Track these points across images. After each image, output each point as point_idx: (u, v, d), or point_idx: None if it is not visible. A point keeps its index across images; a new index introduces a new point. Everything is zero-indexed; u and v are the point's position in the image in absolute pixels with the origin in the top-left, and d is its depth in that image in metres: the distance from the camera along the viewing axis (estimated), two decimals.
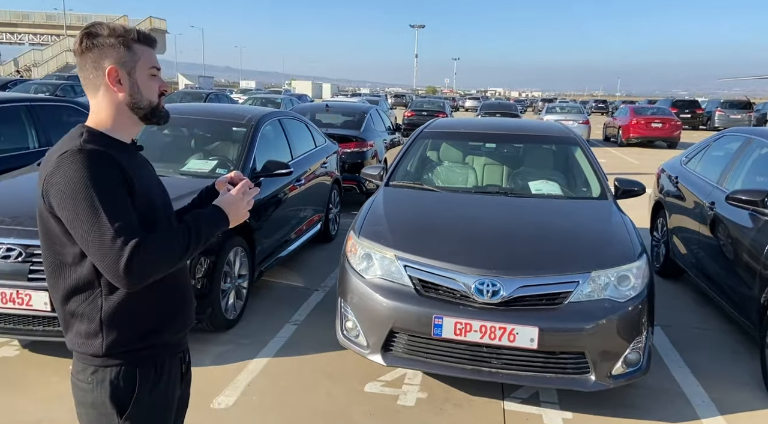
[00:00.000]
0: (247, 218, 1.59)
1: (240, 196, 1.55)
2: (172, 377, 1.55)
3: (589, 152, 4.56)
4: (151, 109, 1.50)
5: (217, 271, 3.80)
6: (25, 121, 5.48)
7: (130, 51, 1.46)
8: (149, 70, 1.49)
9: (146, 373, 1.47)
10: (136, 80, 1.46)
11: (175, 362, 1.58)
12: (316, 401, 3.26)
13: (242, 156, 4.54)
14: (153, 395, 1.48)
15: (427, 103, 23.88)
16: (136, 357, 1.46)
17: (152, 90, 1.50)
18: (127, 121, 1.49)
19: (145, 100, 1.48)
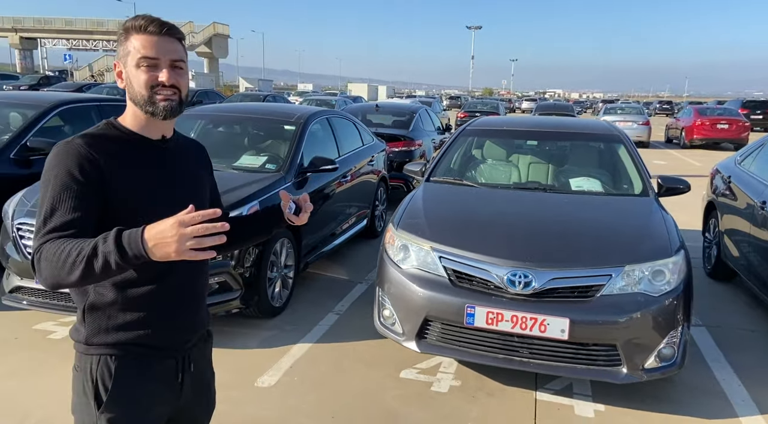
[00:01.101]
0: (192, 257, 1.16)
1: (173, 223, 1.14)
2: (159, 381, 1.46)
3: (632, 149, 4.53)
4: (143, 103, 1.40)
5: (264, 260, 4.01)
6: (95, 120, 5.92)
7: (126, 42, 1.40)
8: (138, 60, 1.38)
9: (126, 369, 1.41)
10: (128, 73, 1.41)
11: (166, 366, 1.48)
12: (352, 384, 3.41)
13: (290, 152, 4.77)
14: (131, 393, 1.41)
15: (480, 104, 23.77)
16: (117, 352, 1.40)
17: (140, 81, 1.38)
18: (142, 116, 1.43)
19: (137, 93, 1.40)
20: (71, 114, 5.88)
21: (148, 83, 1.39)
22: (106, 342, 1.40)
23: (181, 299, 1.50)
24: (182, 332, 1.51)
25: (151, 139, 1.46)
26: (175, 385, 1.50)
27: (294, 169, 4.64)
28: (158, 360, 1.46)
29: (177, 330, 1.50)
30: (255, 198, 4.04)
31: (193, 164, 1.58)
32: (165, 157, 1.48)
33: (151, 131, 1.46)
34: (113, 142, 1.40)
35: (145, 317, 1.43)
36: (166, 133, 1.49)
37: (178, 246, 1.13)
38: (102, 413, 1.39)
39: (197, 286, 1.57)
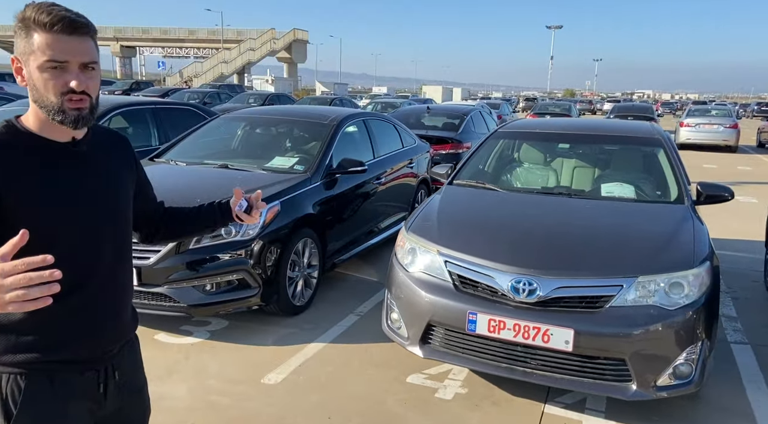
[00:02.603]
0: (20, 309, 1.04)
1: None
2: (75, 395, 1.39)
3: (673, 154, 4.25)
4: (52, 110, 1.28)
5: (283, 259, 4.10)
6: (150, 122, 6.28)
7: (27, 38, 1.25)
8: (44, 62, 1.24)
9: (35, 385, 1.33)
10: (29, 74, 1.27)
11: (84, 380, 1.41)
12: (356, 386, 3.42)
13: (319, 154, 4.83)
14: (41, 409, 1.34)
15: (552, 105, 23.05)
16: (26, 369, 1.33)
17: (48, 87, 1.26)
18: (46, 120, 1.31)
19: (44, 97, 1.27)
20: (129, 116, 6.27)
21: (57, 90, 1.26)
22: (14, 362, 1.31)
23: (98, 311, 1.40)
24: (102, 344, 1.43)
25: (59, 142, 1.34)
26: (97, 396, 1.44)
27: (322, 171, 4.70)
28: (77, 374, 1.39)
29: (95, 343, 1.41)
30: (276, 199, 4.13)
31: (112, 163, 1.47)
32: (76, 161, 1.36)
33: (58, 134, 1.33)
34: (12, 149, 1.28)
35: (57, 335, 1.34)
36: (76, 135, 1.36)
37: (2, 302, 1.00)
38: None
39: (119, 290, 1.47)
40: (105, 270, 1.40)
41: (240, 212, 1.69)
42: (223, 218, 1.73)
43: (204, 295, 3.81)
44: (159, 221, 1.73)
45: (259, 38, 60.21)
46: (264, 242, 3.95)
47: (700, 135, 18.77)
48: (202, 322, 4.20)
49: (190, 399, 3.20)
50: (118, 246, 1.46)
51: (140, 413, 1.62)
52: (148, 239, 1.75)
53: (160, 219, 1.74)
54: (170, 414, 3.04)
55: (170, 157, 5.10)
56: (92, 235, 1.38)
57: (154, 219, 1.72)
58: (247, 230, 3.91)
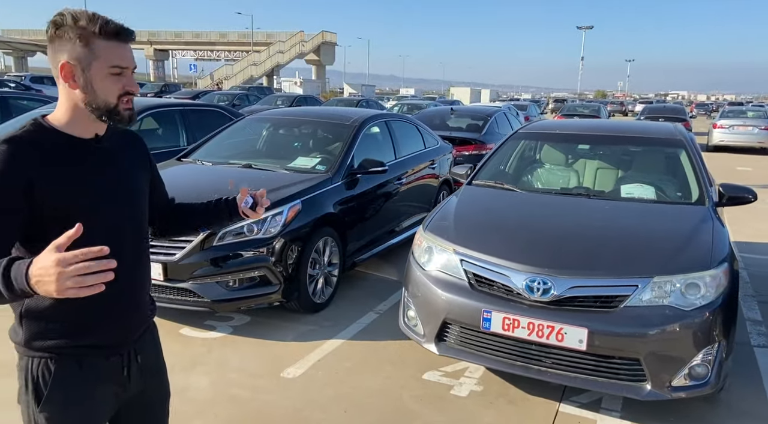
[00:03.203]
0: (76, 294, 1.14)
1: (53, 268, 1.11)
2: (101, 378, 1.48)
3: (695, 155, 4.21)
4: (107, 111, 1.40)
5: (304, 257, 4.19)
6: (178, 123, 6.46)
7: (88, 47, 1.35)
8: (109, 69, 1.38)
9: (65, 373, 1.43)
10: (90, 79, 1.37)
11: (111, 363, 1.51)
12: (373, 382, 3.48)
13: (340, 154, 4.92)
14: (69, 393, 1.43)
15: (580, 107, 22.79)
16: (56, 355, 1.42)
17: (109, 91, 1.39)
18: (85, 118, 1.42)
19: (100, 100, 1.39)
20: (159, 117, 6.46)
21: (116, 93, 1.40)
22: (44, 347, 1.41)
23: (123, 298, 1.50)
24: (126, 329, 1.53)
25: (84, 139, 1.43)
26: (121, 379, 1.53)
27: (343, 171, 4.79)
28: (102, 359, 1.48)
29: (120, 328, 1.51)
30: (297, 198, 4.23)
31: (129, 161, 1.56)
32: (99, 156, 1.46)
33: (84, 131, 1.43)
34: (41, 146, 1.36)
35: (84, 320, 1.43)
36: (99, 131, 1.46)
37: (58, 285, 1.10)
38: (41, 412, 1.41)
39: (138, 282, 1.56)
40: (128, 260, 1.49)
41: (245, 208, 1.78)
42: (230, 214, 1.81)
43: (227, 291, 3.92)
44: (170, 216, 1.83)
45: (288, 41, 60.84)
46: (285, 240, 4.04)
47: (734, 137, 18.33)
48: (225, 317, 4.32)
49: (212, 391, 3.31)
50: (138, 238, 1.56)
51: (161, 394, 1.72)
52: (161, 233, 1.84)
53: (171, 213, 1.83)
54: (193, 405, 3.15)
55: (197, 157, 5.25)
56: (116, 227, 1.47)
57: (166, 214, 1.82)
58: (268, 228, 4.01)
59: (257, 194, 1.79)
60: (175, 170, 4.91)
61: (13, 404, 1.50)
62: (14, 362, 1.48)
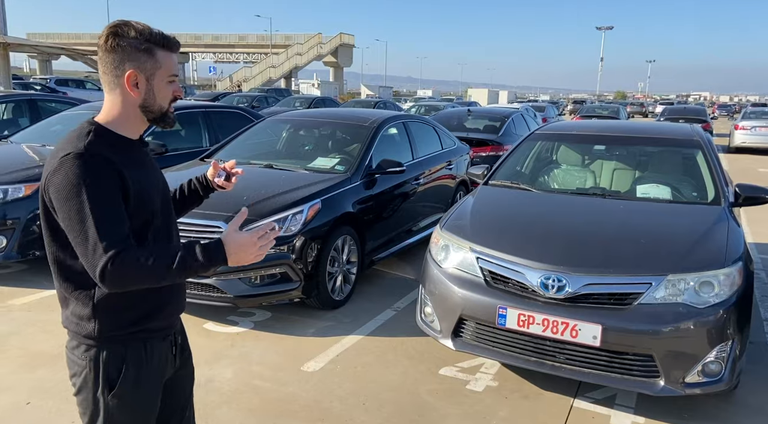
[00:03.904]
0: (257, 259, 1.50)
1: (254, 240, 1.46)
2: (161, 358, 1.63)
3: (711, 156, 4.24)
4: (160, 114, 1.56)
5: (323, 255, 4.29)
6: (201, 124, 6.62)
7: (153, 57, 1.50)
8: (168, 77, 1.53)
9: (135, 354, 1.55)
10: (152, 86, 1.51)
11: (165, 344, 1.66)
12: (391, 376, 3.57)
13: (359, 155, 5.02)
14: (140, 375, 1.56)
15: (599, 108, 22.65)
16: (126, 340, 1.54)
17: (166, 96, 1.55)
18: (136, 121, 1.55)
19: (157, 105, 1.54)
20: (182, 118, 6.63)
21: (169, 98, 1.56)
22: (117, 336, 1.53)
23: (178, 287, 1.67)
24: (177, 313, 1.70)
25: (134, 139, 1.58)
26: (170, 357, 1.69)
27: (361, 171, 4.89)
28: (160, 341, 1.63)
29: (174, 311, 1.67)
30: (317, 197, 4.34)
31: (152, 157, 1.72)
32: (147, 156, 1.63)
33: (136, 133, 1.58)
34: (116, 147, 1.49)
35: (149, 306, 1.57)
36: (141, 133, 1.62)
37: (255, 257, 1.48)
38: (113, 397, 1.53)
39: None
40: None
41: (220, 180, 1.93)
42: (204, 190, 1.95)
43: (249, 287, 4.04)
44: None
45: (306, 43, 61.24)
46: (305, 238, 4.15)
47: (756, 138, 18.09)
48: (247, 313, 4.44)
49: (236, 382, 3.42)
50: (175, 226, 1.72)
51: (190, 373, 1.85)
52: None
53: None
54: (218, 395, 3.27)
55: (219, 158, 5.39)
56: (167, 217, 1.64)
57: None
58: (289, 226, 4.12)
59: (227, 166, 1.93)
60: (198, 170, 5.05)
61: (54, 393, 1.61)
62: (55, 353, 1.59)
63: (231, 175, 1.93)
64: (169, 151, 5.92)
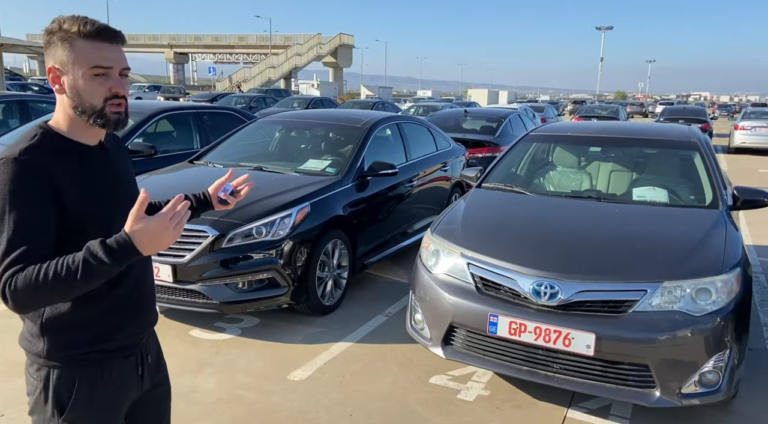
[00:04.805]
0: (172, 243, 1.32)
1: (165, 223, 1.28)
2: (122, 380, 1.51)
3: (709, 158, 4.14)
4: (94, 114, 1.37)
5: (313, 259, 4.19)
6: (192, 126, 6.52)
7: (71, 48, 1.33)
8: (90, 70, 1.34)
9: (89, 376, 1.44)
10: (74, 81, 1.35)
11: (128, 364, 1.53)
12: (379, 385, 3.47)
13: (351, 157, 4.92)
14: (94, 398, 1.45)
15: (598, 108, 22.54)
16: (79, 360, 1.43)
17: (94, 93, 1.36)
18: (81, 123, 1.40)
19: (87, 103, 1.36)
20: (173, 119, 6.53)
21: (102, 95, 1.36)
22: (69, 355, 1.42)
23: (136, 299, 1.54)
24: (140, 330, 1.57)
25: (90, 145, 1.44)
26: (136, 378, 1.57)
27: (353, 173, 4.79)
28: (120, 361, 1.50)
29: (136, 329, 1.55)
30: (306, 200, 4.24)
31: (124, 164, 1.59)
32: (104, 162, 1.47)
33: (89, 138, 1.44)
34: (56, 153, 1.36)
35: (104, 325, 1.45)
36: (101, 137, 1.48)
37: (173, 239, 1.29)
38: (63, 421, 1.42)
39: (148, 282, 1.60)
40: (139, 262, 1.48)
41: (226, 194, 1.79)
42: (204, 208, 1.82)
43: (236, 292, 3.94)
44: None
45: (305, 43, 61.18)
46: (294, 242, 4.05)
47: (756, 138, 17.98)
48: (234, 319, 4.34)
49: (218, 393, 3.32)
50: None
51: (165, 391, 1.73)
52: None
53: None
54: (198, 406, 3.17)
55: (208, 160, 5.29)
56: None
57: None
58: (277, 230, 4.03)
59: (234, 183, 1.80)
60: (186, 173, 4.95)
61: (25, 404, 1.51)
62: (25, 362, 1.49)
63: (235, 191, 1.79)
64: (158, 153, 5.83)
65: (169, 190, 4.32)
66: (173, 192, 4.72)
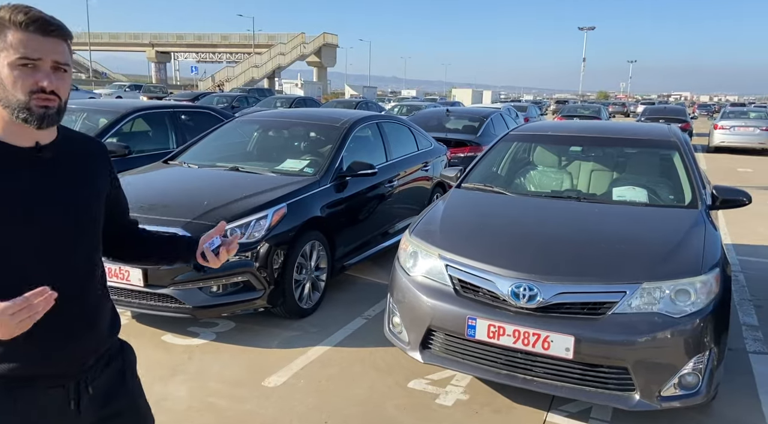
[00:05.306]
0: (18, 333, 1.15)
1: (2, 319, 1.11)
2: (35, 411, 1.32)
3: (688, 157, 4.12)
4: (18, 109, 1.24)
5: (290, 262, 4.10)
6: (168, 125, 6.39)
7: (2, 37, 1.24)
8: (17, 59, 1.23)
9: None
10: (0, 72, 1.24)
11: (51, 396, 1.34)
12: (356, 390, 3.39)
13: (329, 157, 4.84)
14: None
15: (580, 108, 22.68)
16: None
17: (19, 85, 1.23)
18: (10, 121, 1.27)
19: (11, 96, 1.24)
20: (148, 119, 6.39)
21: (27, 88, 1.24)
22: None
23: (61, 326, 1.32)
24: (69, 358, 1.35)
25: (20, 147, 1.28)
26: (68, 412, 1.37)
27: (331, 174, 4.70)
28: (39, 391, 1.32)
29: (60, 357, 1.33)
30: (282, 201, 4.14)
31: (82, 173, 1.40)
32: (38, 168, 1.30)
33: (20, 138, 1.28)
34: None
35: (15, 352, 1.27)
36: (41, 139, 1.31)
37: (7, 333, 1.12)
38: None
39: (86, 308, 1.40)
40: (68, 285, 1.32)
41: (207, 249, 1.58)
42: (187, 253, 1.64)
43: (209, 296, 3.84)
44: (126, 240, 1.64)
45: (289, 43, 60.91)
46: (270, 244, 3.96)
47: (735, 138, 18.20)
48: (209, 323, 4.23)
49: (190, 400, 3.22)
50: (84, 259, 1.40)
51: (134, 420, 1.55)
52: (112, 256, 1.64)
53: (128, 238, 1.65)
54: (169, 415, 3.07)
55: (183, 160, 5.17)
56: (52, 248, 1.32)
57: (120, 237, 1.62)
58: (252, 232, 3.93)
59: (228, 241, 1.59)
60: (159, 173, 4.83)
61: None
62: None
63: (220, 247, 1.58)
64: (132, 153, 5.69)
65: (141, 192, 4.21)
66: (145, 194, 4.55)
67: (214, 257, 1.58)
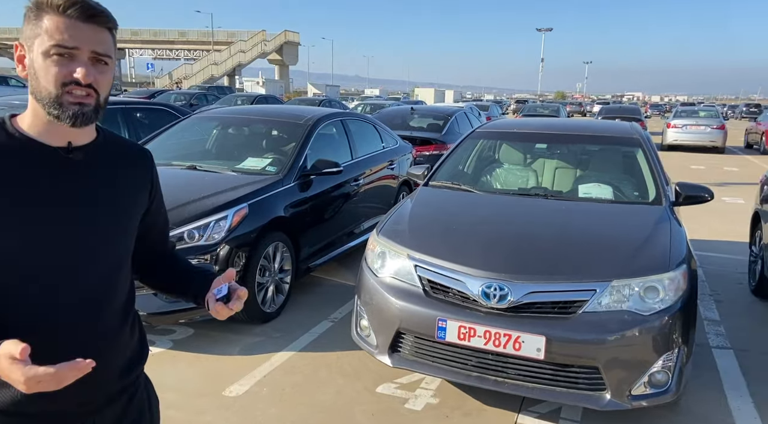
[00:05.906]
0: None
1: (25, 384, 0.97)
2: None
3: (651, 154, 4.14)
4: (50, 103, 1.10)
5: (252, 264, 3.94)
6: (120, 123, 6.10)
7: (37, 21, 1.09)
8: (52, 48, 1.08)
9: None
10: (33, 60, 1.11)
11: None
12: (322, 397, 3.27)
13: (293, 155, 4.69)
14: None
15: (540, 107, 23.01)
16: None
17: (51, 76, 1.09)
18: (43, 117, 1.13)
19: (42, 88, 1.10)
20: None
21: (59, 79, 1.08)
22: None
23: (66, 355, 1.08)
24: (73, 395, 1.16)
25: (49, 146, 1.13)
26: None
27: (295, 172, 4.56)
28: None
29: (63, 394, 1.10)
30: (243, 201, 3.98)
31: (118, 180, 1.24)
32: (65, 170, 1.15)
33: (52, 136, 1.14)
34: (10, 154, 1.10)
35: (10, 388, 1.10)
36: (74, 139, 1.16)
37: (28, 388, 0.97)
38: None
39: (98, 330, 1.21)
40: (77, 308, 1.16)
41: (211, 297, 1.36)
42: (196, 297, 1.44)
43: (165, 302, 3.64)
44: (158, 265, 1.47)
45: (249, 40, 59.96)
46: (231, 246, 3.80)
47: (688, 136, 18.78)
48: (166, 330, 4.04)
49: None
50: (101, 278, 1.21)
51: None
52: (140, 277, 1.46)
53: (160, 261, 1.47)
54: None
55: None
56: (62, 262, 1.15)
57: (153, 258, 1.45)
58: (211, 234, 3.76)
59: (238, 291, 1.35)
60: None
61: None
62: None
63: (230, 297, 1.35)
64: None
65: None
66: None
67: (222, 306, 1.34)
